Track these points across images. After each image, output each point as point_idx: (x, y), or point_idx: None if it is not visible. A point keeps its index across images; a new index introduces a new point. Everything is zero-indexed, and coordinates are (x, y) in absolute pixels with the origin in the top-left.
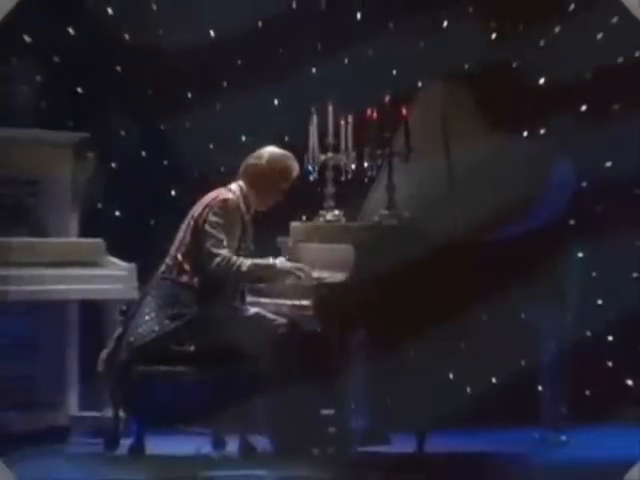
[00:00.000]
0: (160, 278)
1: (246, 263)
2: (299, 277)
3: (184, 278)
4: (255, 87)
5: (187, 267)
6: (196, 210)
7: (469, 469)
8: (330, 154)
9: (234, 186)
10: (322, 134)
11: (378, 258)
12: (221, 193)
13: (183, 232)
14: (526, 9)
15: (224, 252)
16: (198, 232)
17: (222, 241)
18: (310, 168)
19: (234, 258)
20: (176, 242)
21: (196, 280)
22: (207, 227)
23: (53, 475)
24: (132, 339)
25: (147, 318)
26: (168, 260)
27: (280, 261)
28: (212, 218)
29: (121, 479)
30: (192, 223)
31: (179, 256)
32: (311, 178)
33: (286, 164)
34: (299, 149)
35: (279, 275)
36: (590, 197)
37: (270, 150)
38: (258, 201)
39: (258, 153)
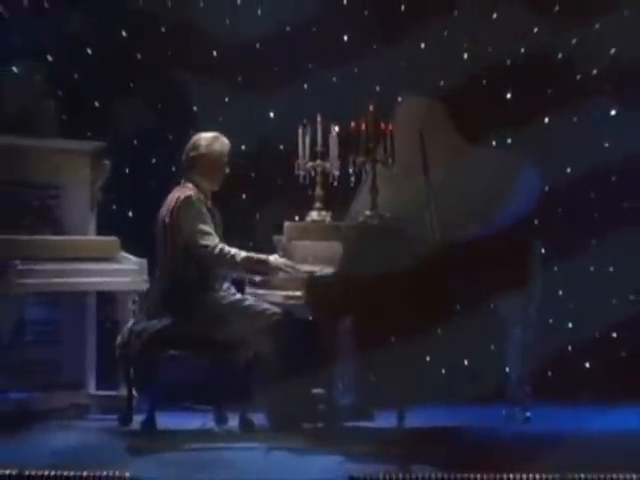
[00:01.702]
0: (158, 277)
1: (241, 255)
2: (290, 273)
3: (179, 273)
4: (253, 101)
5: (179, 264)
6: (165, 214)
7: (444, 442)
8: (319, 161)
9: (186, 182)
10: (312, 143)
11: (363, 254)
12: (180, 193)
13: (162, 236)
14: (496, 32)
15: (212, 242)
16: (178, 233)
17: (206, 232)
18: (301, 173)
19: (227, 248)
20: (160, 246)
21: (191, 273)
22: (184, 226)
23: (74, 448)
24: (142, 328)
25: (154, 310)
26: (160, 262)
27: (273, 257)
28: (184, 217)
29: (134, 452)
30: (168, 226)
31: (168, 256)
32: (302, 182)
33: (220, 144)
34: (292, 156)
35: (271, 270)
36: (552, 200)
37: (202, 137)
38: (210, 184)
39: (193, 144)
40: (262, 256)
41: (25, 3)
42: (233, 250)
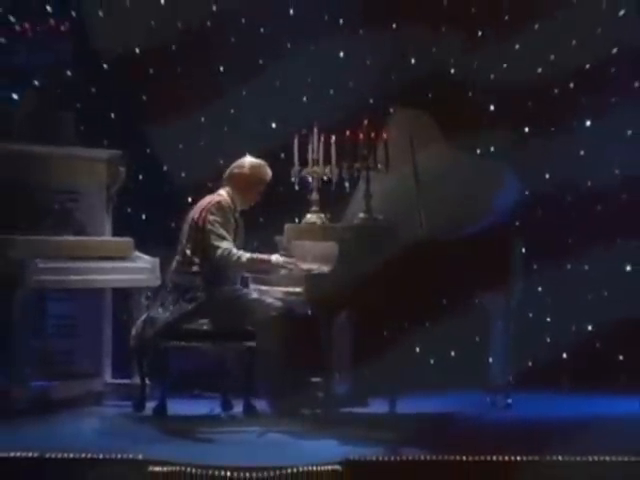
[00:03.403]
0: (174, 272)
1: (246, 256)
2: (290, 270)
3: (194, 268)
4: (256, 113)
5: (196, 260)
6: (195, 213)
7: (432, 426)
8: (315, 168)
9: (222, 191)
10: (309, 151)
11: (357, 253)
12: (213, 197)
13: (187, 233)
14: (480, 48)
15: (225, 245)
16: (200, 231)
17: (222, 235)
18: (297, 179)
19: (234, 250)
20: (182, 242)
21: (204, 269)
22: (208, 226)
23: (92, 432)
24: (155, 320)
25: (167, 303)
26: (178, 257)
27: (275, 257)
28: (210, 217)
29: (147, 436)
30: (193, 224)
31: (188, 252)
32: (296, 187)
33: (263, 170)
34: (291, 163)
35: (273, 268)
36: (531, 203)
37: (249, 160)
38: (242, 201)
39: (239, 163)
40: (265, 256)
41: (51, 23)
42: (239, 252)
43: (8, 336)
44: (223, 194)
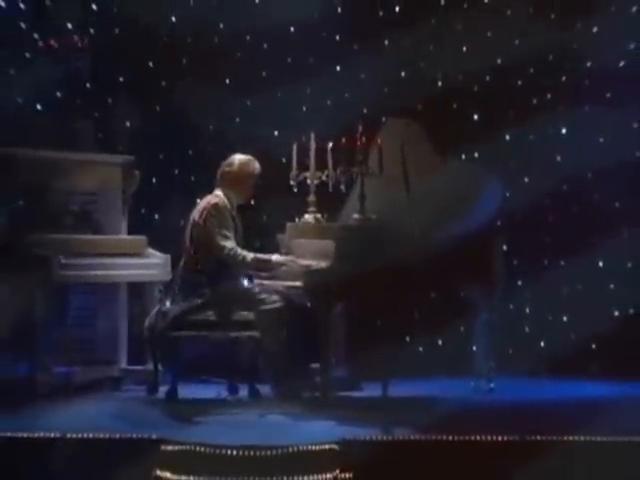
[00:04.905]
0: (182, 269)
1: (250, 256)
2: (290, 267)
3: (200, 266)
4: (259, 121)
5: (201, 258)
6: (196, 215)
7: (421, 409)
8: (313, 171)
9: (218, 191)
10: (307, 156)
11: (352, 250)
12: (210, 199)
13: (190, 234)
14: (465, 63)
15: (230, 245)
16: (202, 231)
17: (225, 235)
18: (296, 182)
19: (239, 250)
20: (186, 242)
21: (209, 267)
22: (209, 227)
23: (109, 414)
24: (167, 313)
25: (177, 297)
26: (185, 256)
27: (275, 256)
28: (210, 219)
29: (159, 418)
30: (195, 225)
31: (192, 251)
32: (295, 189)
33: (252, 166)
34: (290, 167)
35: (274, 267)
36: (512, 204)
37: (238, 157)
38: (236, 198)
39: (228, 162)
40: (266, 256)
41: (71, 39)
42: (244, 252)
43: (34, 327)
44: (219, 194)
